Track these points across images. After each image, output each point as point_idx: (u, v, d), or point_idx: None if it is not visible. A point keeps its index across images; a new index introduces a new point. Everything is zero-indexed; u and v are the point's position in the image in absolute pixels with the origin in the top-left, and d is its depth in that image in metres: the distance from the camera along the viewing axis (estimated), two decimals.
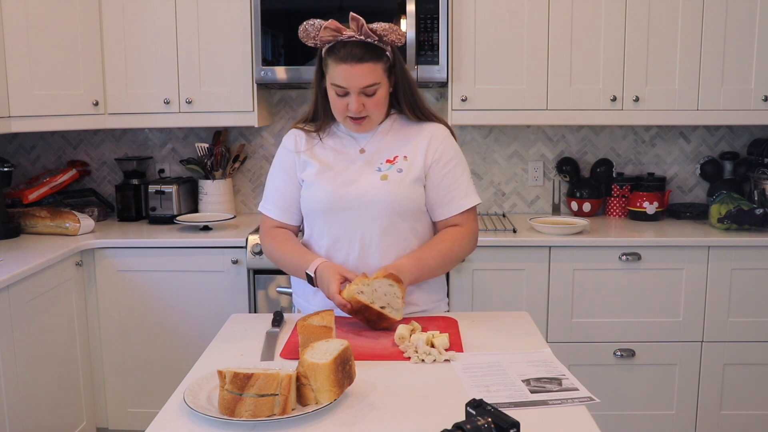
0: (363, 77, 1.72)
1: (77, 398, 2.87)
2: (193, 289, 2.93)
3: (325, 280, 1.73)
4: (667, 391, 2.93)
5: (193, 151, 3.48)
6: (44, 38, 2.94)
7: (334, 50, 1.74)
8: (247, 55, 3.06)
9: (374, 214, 1.80)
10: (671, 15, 2.97)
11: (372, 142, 1.86)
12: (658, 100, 3.02)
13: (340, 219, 1.82)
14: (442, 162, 1.84)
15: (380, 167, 1.82)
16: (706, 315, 2.88)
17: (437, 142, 1.85)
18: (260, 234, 1.96)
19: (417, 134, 1.87)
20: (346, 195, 1.80)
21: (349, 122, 1.81)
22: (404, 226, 1.83)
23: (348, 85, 1.73)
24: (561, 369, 1.49)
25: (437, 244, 1.85)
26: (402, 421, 1.26)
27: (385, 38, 1.74)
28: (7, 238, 2.98)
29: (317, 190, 1.83)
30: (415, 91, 1.86)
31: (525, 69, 3.04)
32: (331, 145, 1.88)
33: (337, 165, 1.84)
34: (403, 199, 1.80)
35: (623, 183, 3.33)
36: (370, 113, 1.79)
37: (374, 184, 1.80)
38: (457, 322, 1.79)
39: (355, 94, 1.74)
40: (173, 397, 1.36)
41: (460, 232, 1.86)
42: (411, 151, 1.84)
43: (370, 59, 1.72)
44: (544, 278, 2.89)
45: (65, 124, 3.07)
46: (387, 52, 1.77)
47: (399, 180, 1.81)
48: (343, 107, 1.78)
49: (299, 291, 1.97)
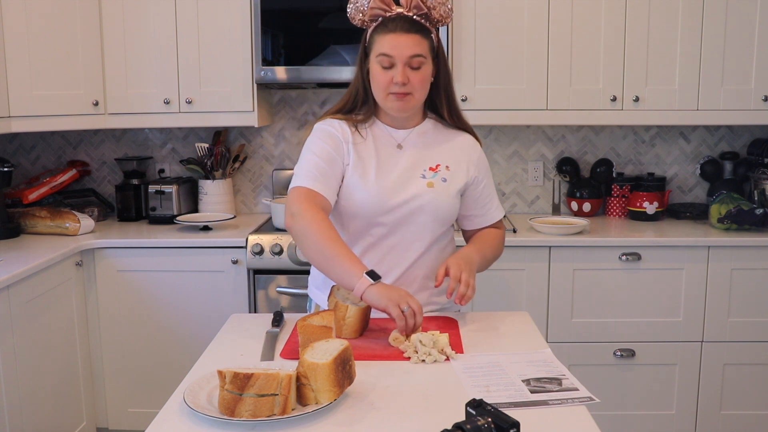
0: (410, 47, 1.73)
1: (77, 398, 2.87)
2: (193, 289, 2.93)
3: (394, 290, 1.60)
4: (667, 391, 2.93)
5: (193, 151, 3.48)
6: (44, 38, 2.94)
7: (382, 24, 1.76)
8: (247, 55, 3.06)
9: (418, 219, 1.81)
10: (671, 15, 2.97)
11: (409, 139, 1.85)
12: (658, 100, 3.02)
13: (382, 222, 1.80)
14: (480, 178, 1.90)
15: (424, 174, 1.82)
16: (706, 315, 2.88)
17: (476, 159, 1.89)
18: (293, 211, 1.69)
19: (455, 143, 1.88)
20: (394, 201, 1.78)
21: (392, 99, 1.77)
22: (439, 232, 1.86)
23: (396, 53, 1.72)
24: (561, 369, 1.49)
25: (490, 239, 1.94)
26: (402, 421, 1.26)
27: (434, 12, 1.76)
28: (7, 238, 2.98)
29: (365, 195, 1.78)
30: (452, 87, 1.88)
31: (525, 69, 3.04)
32: (371, 139, 1.84)
33: (381, 166, 1.80)
34: (446, 208, 1.83)
35: (623, 183, 3.33)
36: (413, 89, 1.76)
37: (421, 190, 1.80)
38: (457, 322, 1.79)
39: (401, 65, 1.73)
40: (173, 397, 1.36)
41: (502, 233, 2.01)
42: (452, 162, 1.85)
43: (417, 31, 1.74)
44: (544, 278, 2.89)
45: (65, 124, 3.07)
46: (432, 34, 1.79)
47: (444, 189, 1.82)
48: (387, 81, 1.75)
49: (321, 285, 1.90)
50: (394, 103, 1.77)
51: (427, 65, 1.77)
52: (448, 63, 1.87)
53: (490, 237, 1.95)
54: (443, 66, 1.83)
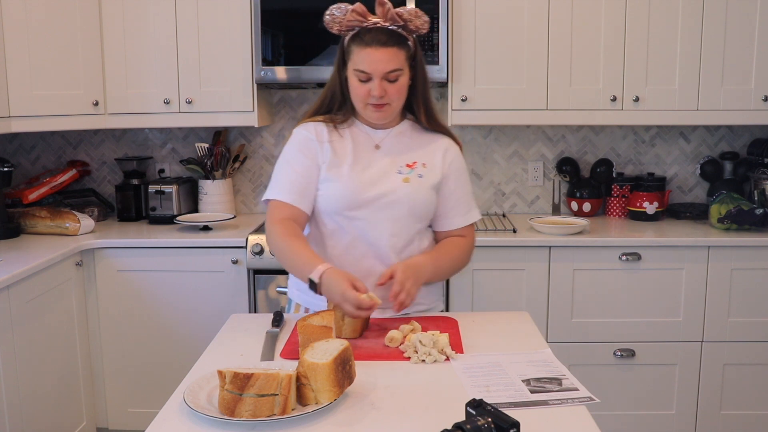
0: (387, 62, 1.75)
1: (77, 398, 2.87)
2: (193, 289, 2.93)
3: (335, 286, 1.64)
4: (667, 391, 2.93)
5: (193, 151, 3.48)
6: (44, 38, 2.94)
7: (359, 36, 1.77)
8: (247, 55, 3.06)
9: (394, 214, 1.83)
10: (671, 15, 2.97)
11: (387, 140, 1.89)
12: (658, 100, 3.02)
13: (357, 217, 1.82)
14: (454, 176, 1.90)
15: (400, 170, 1.85)
16: (706, 315, 2.88)
17: (451, 157, 1.91)
18: (267, 223, 1.83)
19: (432, 143, 1.91)
20: (368, 194, 1.81)
21: (370, 109, 1.82)
22: (416, 227, 1.87)
23: (372, 69, 1.75)
24: (561, 369, 1.49)
25: (450, 249, 1.90)
26: (402, 421, 1.26)
27: (410, 24, 1.78)
28: (7, 238, 2.98)
29: (338, 187, 1.82)
30: (429, 91, 1.89)
31: (525, 69, 3.04)
32: (349, 138, 1.88)
33: (357, 161, 1.84)
34: (422, 203, 1.85)
35: (623, 183, 3.33)
36: (390, 100, 1.80)
37: (396, 185, 1.83)
38: (457, 322, 1.79)
39: (378, 79, 1.76)
40: (173, 397, 1.36)
41: (467, 242, 1.95)
42: (429, 159, 1.88)
43: (394, 44, 1.76)
44: (544, 278, 2.89)
45: (65, 124, 3.07)
46: (410, 42, 1.80)
47: (419, 184, 1.85)
48: (365, 93, 1.79)
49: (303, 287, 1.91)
50: (373, 114, 1.83)
51: (404, 75, 1.80)
52: (425, 67, 1.87)
53: (451, 247, 1.91)
54: (421, 71, 1.85)
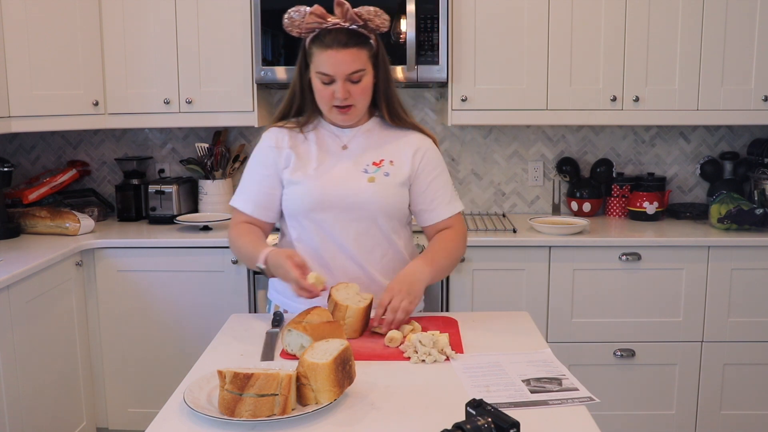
0: (348, 63, 1.73)
1: (77, 398, 2.87)
2: (193, 289, 2.93)
3: (279, 268, 1.69)
4: (667, 391, 2.93)
5: (193, 151, 3.48)
6: (44, 38, 2.93)
7: (319, 38, 1.75)
8: (247, 55, 3.06)
9: (361, 214, 1.82)
10: (671, 15, 2.97)
11: (355, 139, 1.88)
12: (658, 100, 3.02)
13: (325, 219, 1.82)
14: (427, 171, 1.88)
15: (366, 169, 1.84)
16: (706, 315, 2.88)
17: (422, 152, 1.88)
18: (229, 228, 1.92)
19: (401, 140, 1.89)
20: (333, 195, 1.81)
21: (335, 112, 1.81)
22: (388, 226, 1.86)
23: (334, 71, 1.74)
24: (561, 369, 1.49)
25: (444, 245, 1.88)
26: (402, 421, 1.26)
27: (370, 23, 1.75)
28: (7, 238, 2.98)
29: (302, 189, 1.82)
30: (393, 88, 1.86)
31: (525, 69, 3.04)
32: (314, 141, 1.87)
33: (322, 162, 1.84)
34: (389, 202, 1.84)
35: (623, 183, 3.33)
36: (355, 101, 1.79)
37: (361, 186, 1.82)
38: (457, 322, 1.79)
39: (341, 81, 1.75)
40: (173, 397, 1.36)
41: (457, 232, 1.91)
42: (397, 157, 1.86)
43: (354, 45, 1.74)
44: (544, 278, 2.89)
45: (65, 124, 3.07)
46: (371, 40, 1.78)
47: (386, 183, 1.83)
48: (328, 96, 1.78)
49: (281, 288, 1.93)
50: (338, 116, 1.82)
51: (367, 75, 1.78)
52: (388, 64, 1.85)
53: (443, 242, 1.89)
54: (383, 69, 1.83)
